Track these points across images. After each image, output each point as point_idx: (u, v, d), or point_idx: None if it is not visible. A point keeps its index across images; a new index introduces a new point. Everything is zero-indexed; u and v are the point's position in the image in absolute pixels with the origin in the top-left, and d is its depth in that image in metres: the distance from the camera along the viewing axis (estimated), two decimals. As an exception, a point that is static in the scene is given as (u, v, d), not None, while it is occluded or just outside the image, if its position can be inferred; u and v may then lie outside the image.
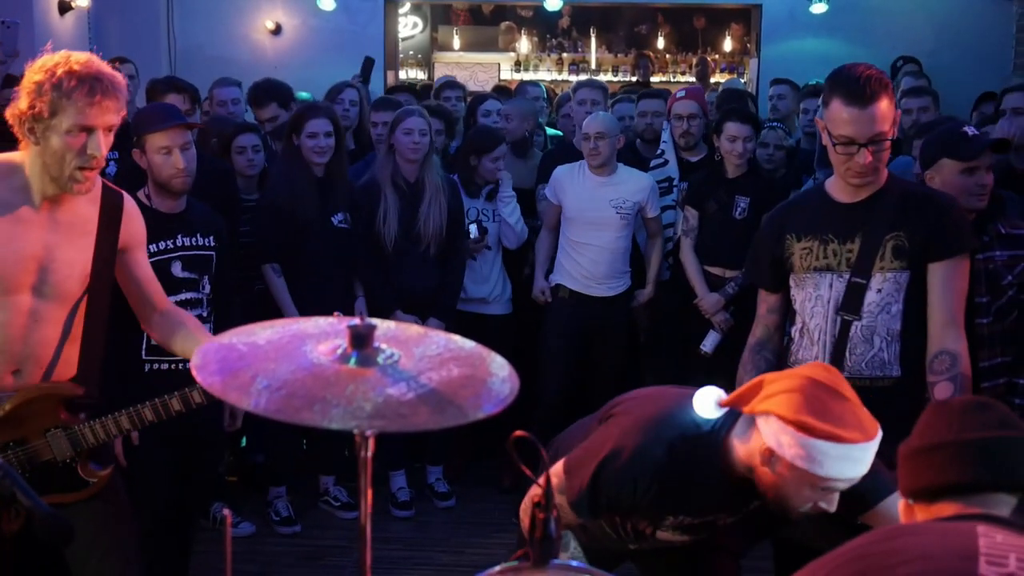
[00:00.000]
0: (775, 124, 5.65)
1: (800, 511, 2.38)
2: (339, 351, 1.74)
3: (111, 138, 2.69)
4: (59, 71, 2.57)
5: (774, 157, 5.32)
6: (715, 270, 5.02)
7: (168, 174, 3.76)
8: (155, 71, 8.29)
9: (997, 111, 4.82)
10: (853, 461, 2.26)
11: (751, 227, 4.82)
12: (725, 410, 2.45)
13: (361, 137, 5.98)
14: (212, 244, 3.98)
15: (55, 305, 2.75)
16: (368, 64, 7.49)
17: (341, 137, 4.83)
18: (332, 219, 4.78)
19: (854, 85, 2.86)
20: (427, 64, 11.89)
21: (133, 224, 2.93)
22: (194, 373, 1.71)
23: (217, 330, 3.79)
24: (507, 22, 12.43)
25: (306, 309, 4.40)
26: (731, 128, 4.91)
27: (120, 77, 2.67)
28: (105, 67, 2.65)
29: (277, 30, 9.24)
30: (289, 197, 4.70)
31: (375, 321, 1.78)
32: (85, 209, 2.80)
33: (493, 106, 5.97)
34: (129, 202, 2.93)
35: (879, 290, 2.99)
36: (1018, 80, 6.80)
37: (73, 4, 8.15)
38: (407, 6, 11.42)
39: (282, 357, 1.74)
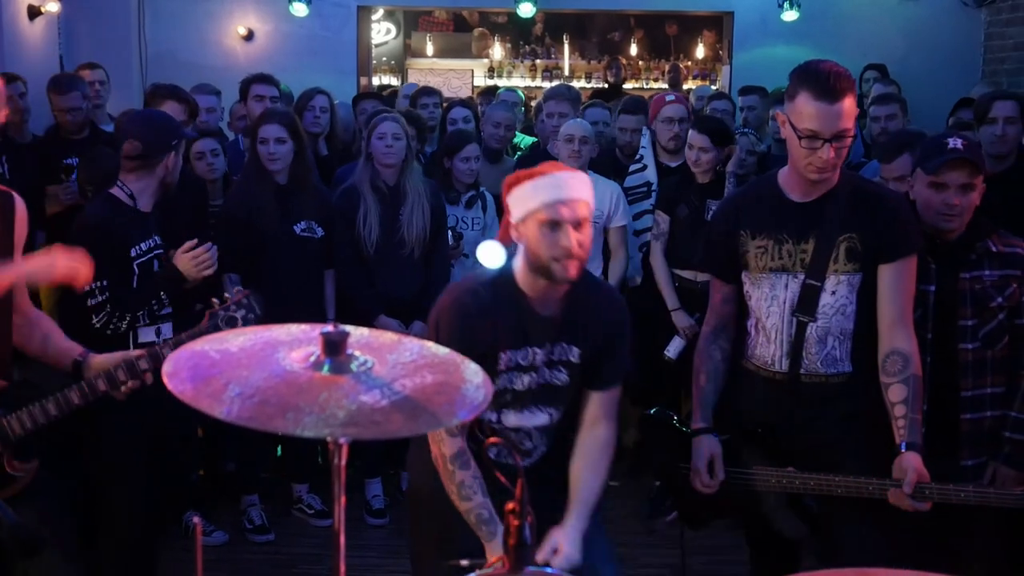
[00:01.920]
0: (746, 130, 5.69)
1: (557, 265, 2.68)
2: (312, 358, 1.74)
3: None
4: None
5: (745, 163, 5.35)
6: (686, 274, 5.04)
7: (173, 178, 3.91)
8: (126, 77, 8.26)
9: (984, 119, 4.83)
10: (556, 186, 2.68)
11: None
12: (514, 250, 2.81)
13: (333, 143, 5.97)
14: None
15: None
16: None
17: (301, 144, 4.79)
18: (294, 228, 4.74)
19: (823, 81, 2.87)
20: (400, 70, 11.88)
21: (21, 227, 2.91)
22: (165, 380, 1.69)
23: (178, 328, 3.83)
24: (480, 28, 12.45)
25: (268, 318, 4.36)
26: (690, 136, 5.00)
27: None
28: None
29: (249, 36, 9.20)
30: (247, 205, 4.68)
31: (348, 328, 1.78)
32: None
33: (459, 113, 6.02)
34: (20, 204, 2.92)
35: (833, 292, 3.03)
36: (984, 87, 6.88)
37: (43, 9, 8.08)
38: (380, 12, 11.41)
39: (255, 364, 1.73)
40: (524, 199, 2.71)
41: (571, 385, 2.91)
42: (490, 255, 2.78)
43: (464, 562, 2.65)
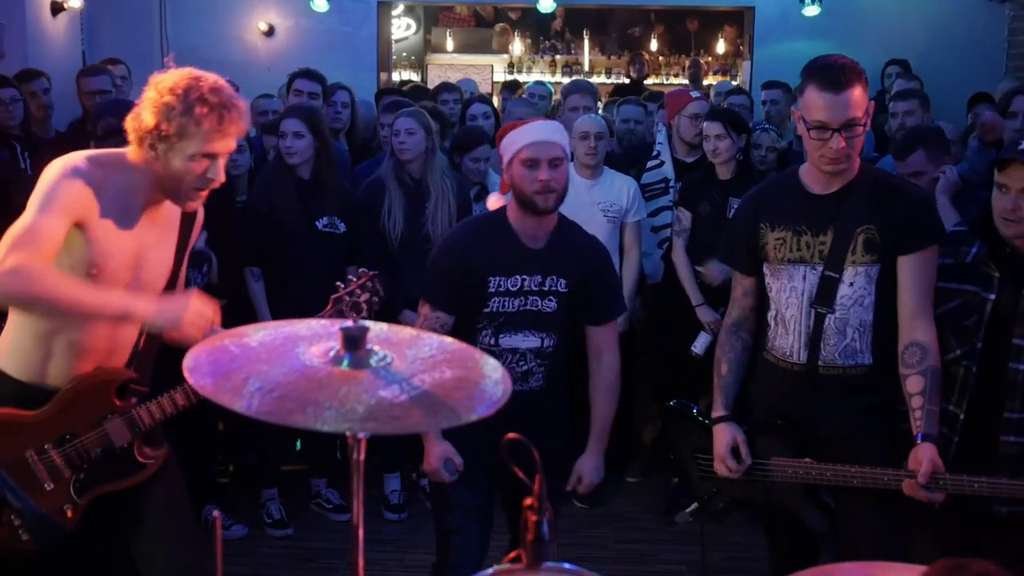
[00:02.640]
0: (767, 127, 5.66)
1: (537, 196, 3.13)
2: (332, 353, 1.74)
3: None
4: (192, 96, 2.62)
5: (766, 159, 5.33)
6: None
7: None
8: (148, 73, 8.25)
9: (1005, 114, 4.79)
10: (534, 131, 3.19)
11: None
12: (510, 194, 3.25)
13: (354, 139, 5.98)
14: None
15: None
16: None
17: (324, 139, 4.80)
18: (316, 223, 4.75)
19: (828, 72, 2.91)
20: (420, 66, 11.89)
21: (199, 228, 3.01)
22: (186, 375, 1.71)
23: None
24: (501, 24, 12.45)
25: (290, 314, 4.37)
26: (705, 127, 5.00)
27: (244, 104, 2.74)
28: (233, 93, 2.72)
29: (270, 31, 9.23)
30: (268, 200, 4.70)
31: (368, 323, 1.78)
32: (172, 209, 2.86)
33: (478, 109, 6.02)
34: (200, 211, 2.99)
35: (851, 283, 3.03)
36: (1009, 83, 6.83)
37: (66, 5, 8.13)
38: (400, 8, 11.42)
39: (275, 359, 1.74)
40: (511, 144, 3.21)
41: (559, 313, 3.29)
42: (496, 204, 3.34)
43: (414, 475, 3.23)
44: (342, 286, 3.07)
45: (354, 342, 1.73)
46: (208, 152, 2.66)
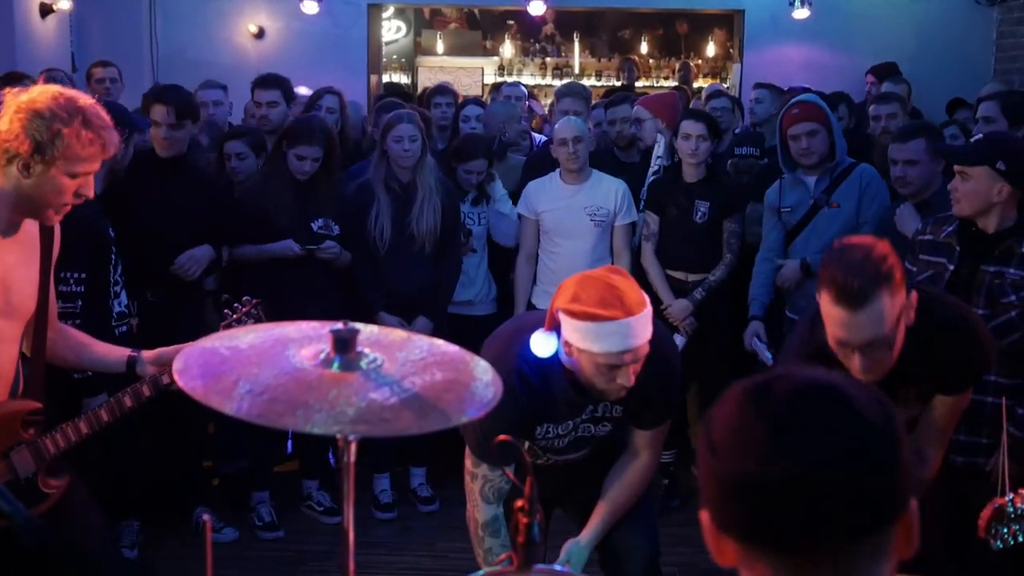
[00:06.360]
0: (745, 150, 5.66)
1: (608, 391, 2.66)
2: (322, 355, 1.74)
3: None
4: (75, 120, 2.55)
5: (740, 180, 5.39)
6: (676, 274, 4.98)
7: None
8: (137, 75, 8.29)
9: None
10: (620, 336, 2.53)
11: (711, 231, 4.89)
12: (558, 337, 2.67)
13: (344, 142, 5.97)
14: None
15: (14, 324, 2.74)
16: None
17: (333, 145, 4.81)
18: (311, 225, 4.75)
19: (843, 283, 2.43)
20: (411, 68, 11.89)
21: (58, 242, 2.92)
22: (176, 377, 1.70)
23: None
24: (508, 21, 12.46)
25: (283, 315, 4.37)
26: (685, 126, 4.92)
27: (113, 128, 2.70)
28: (106, 116, 2.65)
29: (260, 34, 9.22)
30: (266, 200, 4.70)
31: (358, 325, 1.78)
32: (31, 227, 2.78)
33: (473, 111, 6.01)
34: (57, 226, 2.91)
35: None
36: (995, 86, 6.86)
37: (55, 7, 8.10)
38: (390, 10, 11.42)
39: (265, 361, 1.74)
40: (585, 339, 2.57)
41: (613, 430, 3.02)
42: (542, 346, 2.65)
43: None
44: (230, 313, 3.20)
45: (344, 344, 1.73)
46: (83, 172, 2.61)
